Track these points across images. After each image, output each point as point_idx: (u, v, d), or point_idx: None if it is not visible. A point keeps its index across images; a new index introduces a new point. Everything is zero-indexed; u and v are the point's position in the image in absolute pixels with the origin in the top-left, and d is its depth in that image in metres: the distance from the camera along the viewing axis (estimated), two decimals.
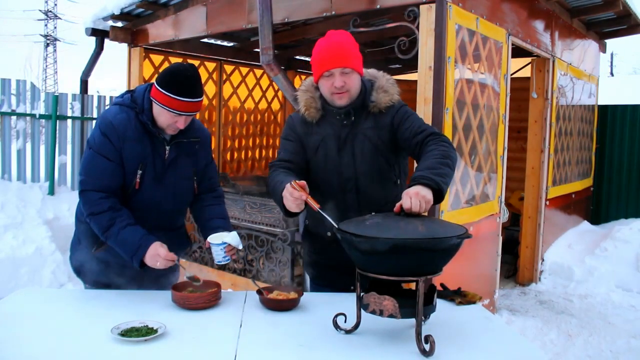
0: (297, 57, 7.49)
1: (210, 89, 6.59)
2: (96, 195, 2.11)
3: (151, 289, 2.25)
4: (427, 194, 1.74)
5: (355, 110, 2.19)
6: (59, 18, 36.04)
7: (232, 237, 2.15)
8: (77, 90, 6.08)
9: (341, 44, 2.12)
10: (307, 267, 2.47)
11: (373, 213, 1.94)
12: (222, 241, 2.14)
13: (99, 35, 5.80)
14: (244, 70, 7.04)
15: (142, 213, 2.20)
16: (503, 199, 4.46)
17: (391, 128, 2.19)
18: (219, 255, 2.15)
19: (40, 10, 35.66)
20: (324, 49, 2.13)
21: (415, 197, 1.70)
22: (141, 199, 2.20)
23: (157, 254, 2.05)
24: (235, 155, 7.08)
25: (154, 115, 2.17)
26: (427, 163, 1.91)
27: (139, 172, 2.16)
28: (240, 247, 2.17)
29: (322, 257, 2.33)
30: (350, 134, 2.20)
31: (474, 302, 2.05)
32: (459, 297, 2.06)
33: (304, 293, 2.08)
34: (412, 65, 5.78)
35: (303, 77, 7.90)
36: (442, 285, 2.09)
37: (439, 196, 1.82)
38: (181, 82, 2.09)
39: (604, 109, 7.25)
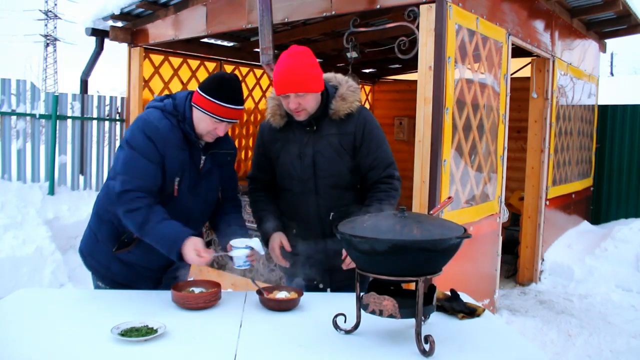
0: None
1: None
2: (134, 194, 2.09)
3: (168, 289, 2.24)
4: None
5: (316, 119, 2.31)
6: (59, 18, 36.06)
7: (255, 243, 2.16)
8: (77, 90, 6.08)
9: (294, 70, 2.18)
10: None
11: (332, 214, 2.27)
12: (245, 245, 2.15)
13: (99, 35, 5.80)
14: (244, 70, 7.04)
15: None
16: (503, 199, 4.46)
17: (354, 138, 2.31)
18: (239, 260, 2.14)
19: (40, 10, 35.67)
20: (279, 73, 2.21)
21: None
22: (175, 206, 2.20)
23: (197, 249, 2.04)
24: None
25: (194, 122, 2.18)
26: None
27: (177, 179, 2.17)
28: (262, 253, 2.19)
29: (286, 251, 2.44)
30: (312, 138, 2.32)
31: (477, 316, 1.99)
32: (462, 312, 1.98)
33: (304, 293, 2.08)
34: (412, 65, 5.79)
35: None
36: (452, 291, 2.07)
37: None
38: (225, 89, 2.12)
39: (604, 109, 7.25)
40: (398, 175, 2.36)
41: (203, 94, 2.13)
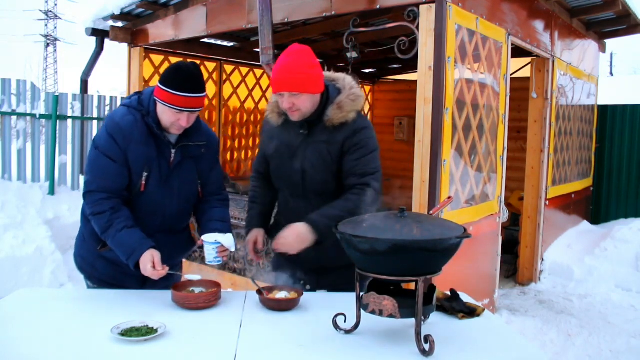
0: None
1: (210, 89, 6.58)
2: (98, 195, 2.12)
3: (155, 288, 2.25)
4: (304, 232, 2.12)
5: (310, 122, 2.26)
6: (59, 18, 36.06)
7: (226, 238, 2.15)
8: (78, 90, 6.08)
9: (290, 69, 2.15)
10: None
11: None
12: (215, 240, 2.14)
13: (99, 35, 5.80)
14: (244, 70, 7.04)
15: (146, 216, 2.21)
16: (503, 199, 4.46)
17: (342, 147, 2.23)
18: (210, 255, 2.15)
19: (40, 10, 35.68)
20: (276, 71, 2.18)
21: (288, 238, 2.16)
22: (146, 201, 2.20)
23: (153, 262, 2.04)
24: (235, 155, 7.08)
25: (158, 115, 2.17)
26: (328, 211, 2.16)
27: (144, 174, 2.17)
28: (233, 249, 2.18)
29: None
30: (303, 142, 2.28)
31: (477, 316, 1.99)
32: (462, 312, 1.98)
33: (304, 293, 2.08)
34: (412, 65, 5.78)
35: None
36: (452, 291, 2.07)
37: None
38: (181, 78, 2.09)
39: (603, 109, 7.25)
40: (376, 186, 2.18)
41: (161, 86, 2.11)
